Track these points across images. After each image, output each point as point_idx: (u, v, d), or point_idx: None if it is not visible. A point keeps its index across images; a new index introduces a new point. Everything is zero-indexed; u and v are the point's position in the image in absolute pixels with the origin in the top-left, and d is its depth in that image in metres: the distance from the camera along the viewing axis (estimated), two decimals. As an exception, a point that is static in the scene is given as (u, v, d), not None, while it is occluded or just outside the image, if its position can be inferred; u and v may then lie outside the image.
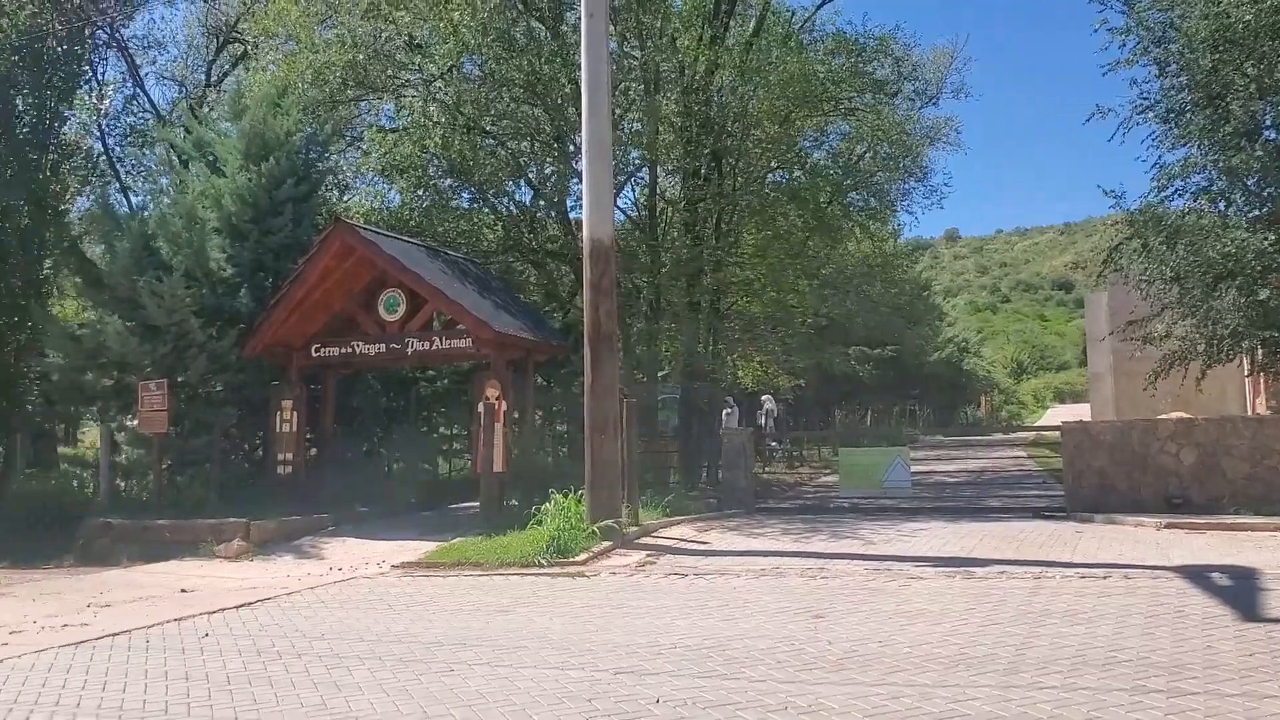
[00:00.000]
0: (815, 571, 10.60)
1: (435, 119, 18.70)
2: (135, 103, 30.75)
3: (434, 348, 16.36)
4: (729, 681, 6.39)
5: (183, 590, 11.56)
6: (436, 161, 18.88)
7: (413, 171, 19.25)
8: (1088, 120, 15.85)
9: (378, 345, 16.67)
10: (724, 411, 25.77)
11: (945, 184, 72.54)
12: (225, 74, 31.82)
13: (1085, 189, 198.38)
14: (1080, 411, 44.90)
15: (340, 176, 21.67)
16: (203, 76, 32.72)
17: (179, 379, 16.91)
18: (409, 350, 16.47)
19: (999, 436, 45.74)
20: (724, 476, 17.38)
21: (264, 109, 18.39)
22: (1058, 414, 58.81)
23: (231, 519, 14.83)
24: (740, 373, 27.40)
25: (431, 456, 23.90)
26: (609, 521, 12.49)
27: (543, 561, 11.57)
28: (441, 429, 23.91)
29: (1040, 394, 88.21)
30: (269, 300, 17.09)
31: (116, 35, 29.20)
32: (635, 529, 13.34)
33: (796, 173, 24.69)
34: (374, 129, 20.35)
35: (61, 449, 26.86)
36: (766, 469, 28.06)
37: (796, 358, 26.84)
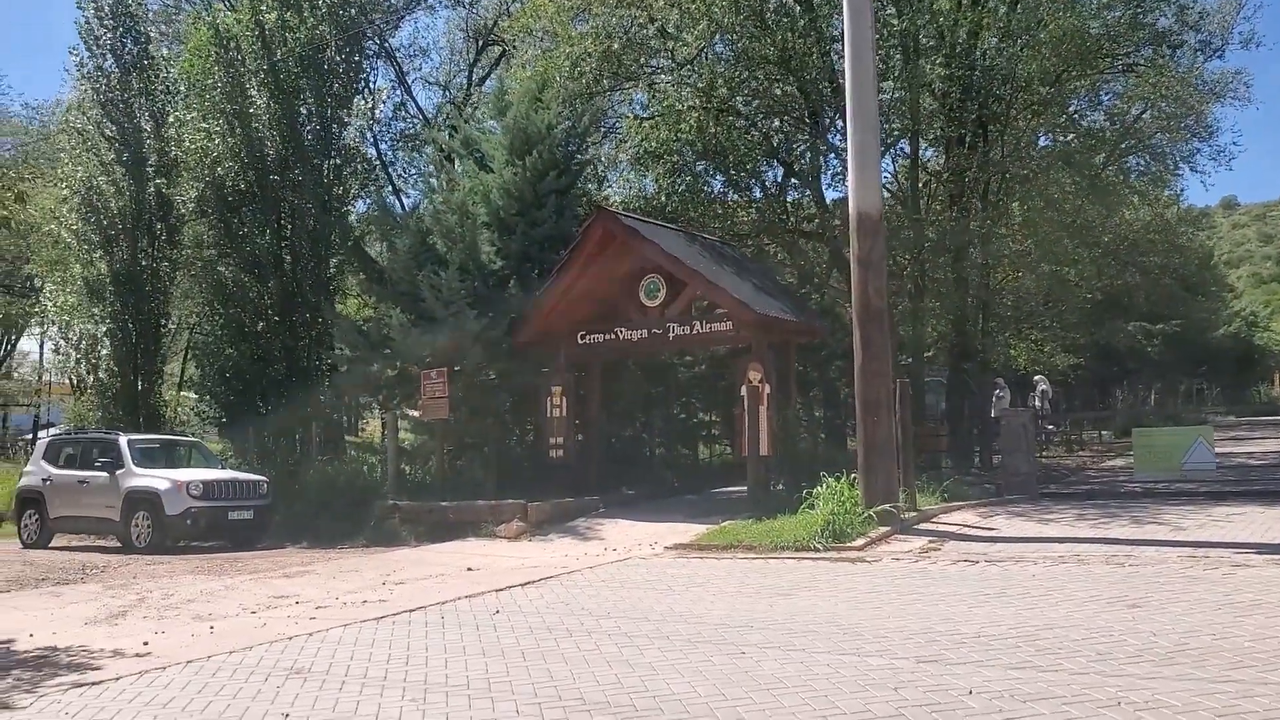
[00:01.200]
0: (1121, 559, 9.78)
1: (689, 103, 18.69)
2: (404, 109, 32.78)
3: (694, 332, 16.36)
4: (1046, 674, 5.90)
5: (469, 569, 12.03)
6: (690, 146, 18.86)
7: (667, 157, 19.34)
8: None
9: (640, 331, 16.86)
10: (994, 393, 24.53)
11: (1234, 143, 66.38)
12: (485, 76, 33.33)
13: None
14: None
15: (598, 168, 22.08)
16: (464, 80, 34.41)
17: (455, 368, 17.71)
18: (670, 335, 16.55)
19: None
20: (1003, 460, 16.46)
21: (526, 104, 18.98)
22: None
23: (509, 500, 15.38)
24: (1012, 352, 26.00)
25: (690, 441, 24.07)
26: (886, 506, 12.04)
27: (818, 546, 11.29)
28: (700, 415, 24.04)
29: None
30: (536, 291, 17.62)
31: (385, 45, 31.24)
32: (913, 514, 12.81)
33: (1069, 136, 23.16)
34: (630, 117, 20.60)
35: (351, 438, 29.00)
36: (1043, 453, 26.51)
37: (1076, 334, 25.17)
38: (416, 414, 18.55)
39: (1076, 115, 23.52)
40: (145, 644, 8.10)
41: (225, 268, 20.71)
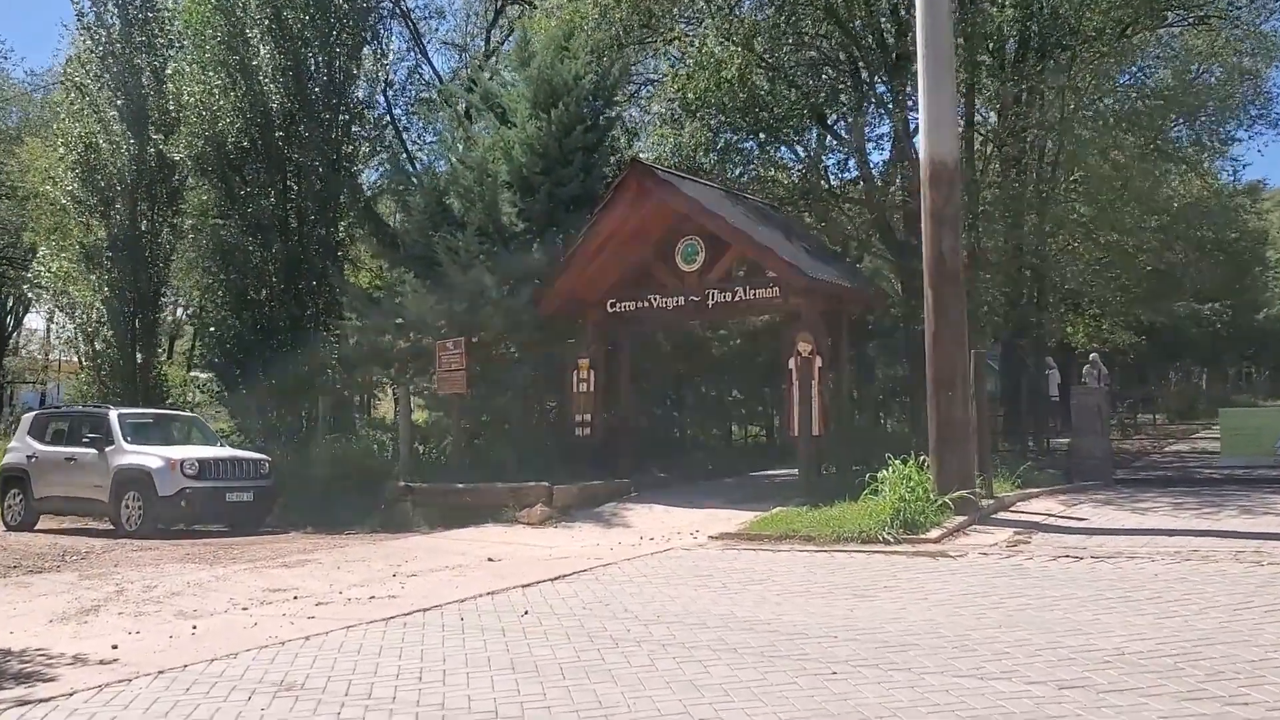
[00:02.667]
0: (1255, 555, 8.49)
1: (729, 50, 17.32)
2: (418, 75, 31.45)
3: (737, 299, 15.06)
4: (1236, 709, 4.65)
5: (489, 559, 10.86)
6: (731, 97, 17.47)
7: (705, 111, 17.95)
8: None
9: (676, 298, 15.59)
10: (1045, 372, 23.18)
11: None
12: (505, 39, 31.95)
13: None
14: None
15: (627, 125, 20.74)
16: (482, 44, 33.06)
17: (473, 340, 16.54)
18: (709, 302, 15.28)
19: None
20: (1074, 443, 15.14)
21: (551, 53, 17.72)
22: None
23: (532, 483, 14.18)
24: (1069, 328, 24.53)
25: (721, 421, 22.86)
26: (962, 492, 10.77)
27: (888, 537, 10.05)
28: (735, 392, 22.82)
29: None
30: (561, 255, 16.41)
31: (400, 4, 29.90)
32: (990, 502, 11.53)
33: (1133, 96, 21.67)
34: (669, 67, 19.18)
35: (358, 415, 27.85)
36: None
37: (1138, 310, 23.68)
38: (433, 387, 17.38)
39: (1143, 73, 22.05)
40: (114, 648, 6.98)
41: (227, 231, 19.51)
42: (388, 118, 25.16)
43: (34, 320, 47.49)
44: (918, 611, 7.07)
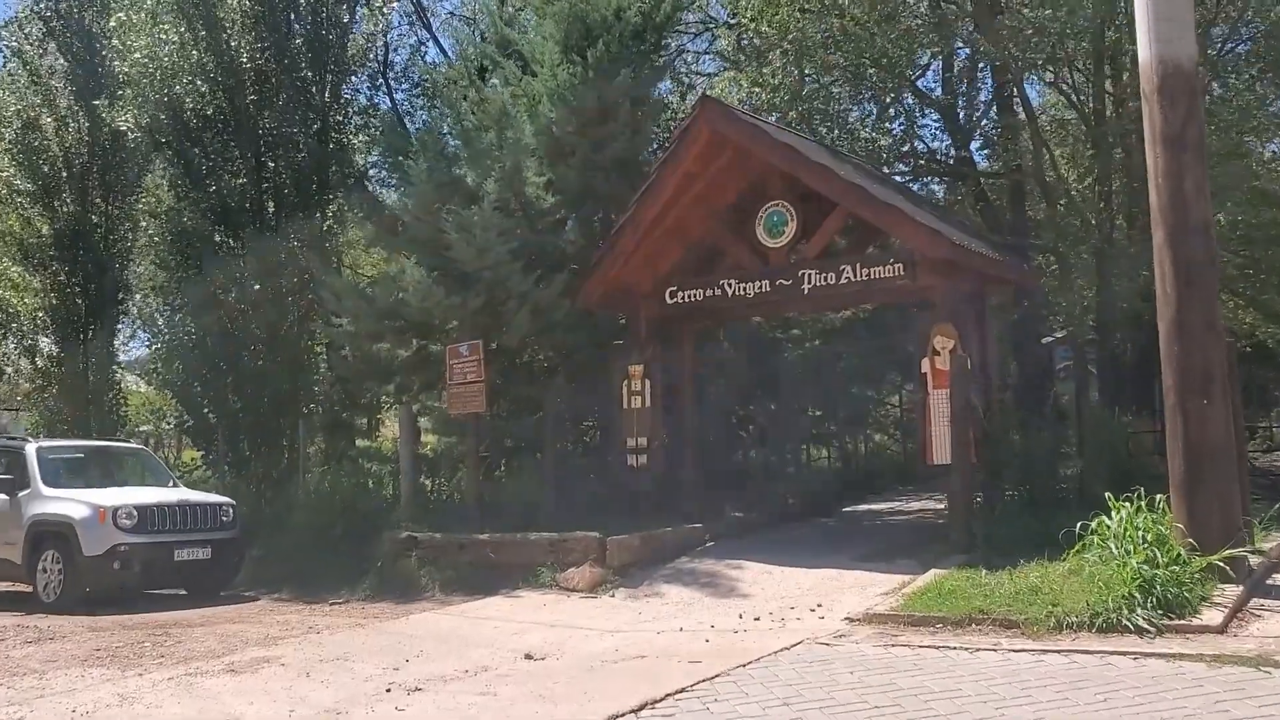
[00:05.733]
0: None
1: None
2: (422, 55, 28.25)
3: (843, 280, 11.72)
4: None
5: (527, 656, 7.69)
6: (821, 30, 14.14)
7: (786, 48, 14.58)
8: None
9: (759, 282, 12.29)
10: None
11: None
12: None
13: None
14: None
15: (685, 71, 17.49)
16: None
17: (493, 344, 13.37)
18: (804, 286, 11.96)
19: None
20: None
21: (586, -23, 14.52)
22: None
23: (577, 532, 10.92)
24: (1248, 320, 20.82)
25: (794, 440, 19.53)
26: (1234, 550, 7.45)
27: (1142, 624, 6.78)
28: (812, 407, 19.52)
29: None
30: (603, 235, 13.23)
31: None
32: (1259, 560, 8.22)
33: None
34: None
35: (362, 442, 24.63)
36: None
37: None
38: (443, 406, 14.20)
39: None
40: None
41: (187, 217, 16.37)
42: (383, 84, 21.99)
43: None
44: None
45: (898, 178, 17.43)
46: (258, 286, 16.50)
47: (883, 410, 25.39)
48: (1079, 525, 8.05)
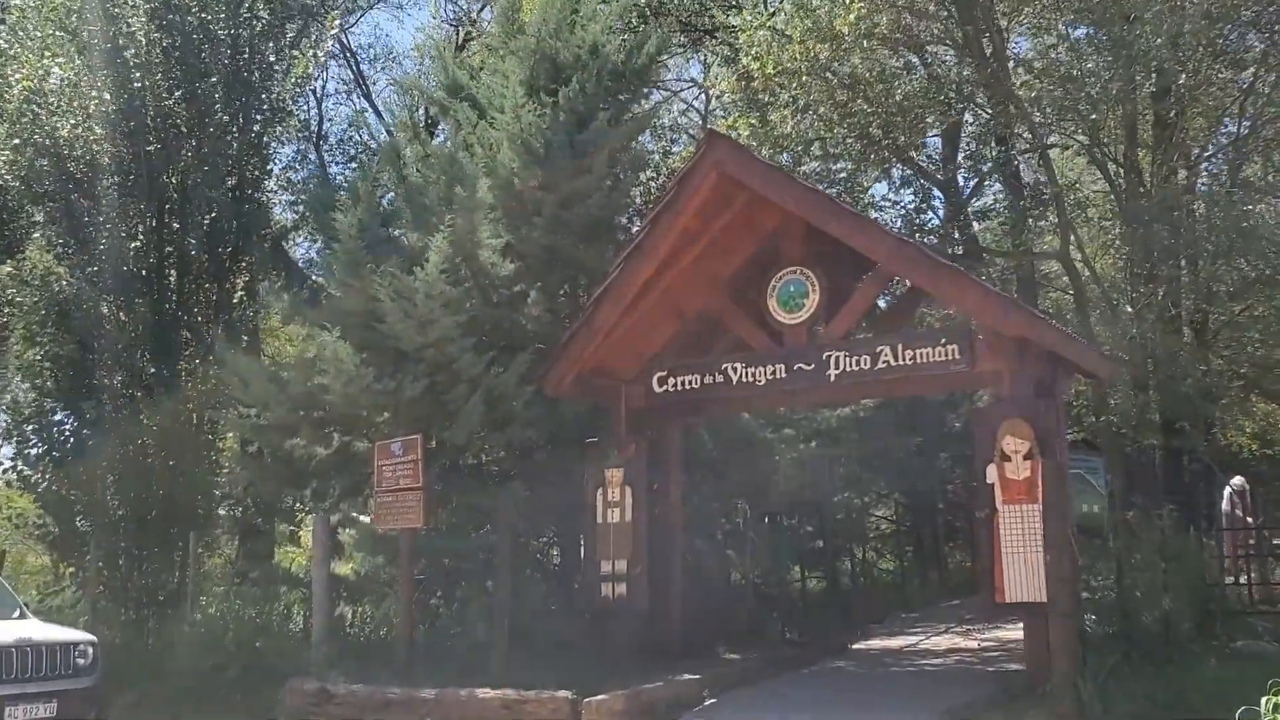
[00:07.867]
0: None
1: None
2: (361, 124, 26.21)
3: (880, 366, 9.53)
4: None
5: None
6: (829, 77, 12.26)
7: (799, 83, 12.56)
8: None
9: (771, 366, 10.08)
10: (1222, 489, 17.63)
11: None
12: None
13: None
14: None
15: (669, 113, 15.46)
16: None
17: (434, 442, 11.01)
18: (829, 372, 9.76)
19: None
20: None
21: (556, 10, 12.53)
22: None
23: (544, 694, 8.43)
24: (1244, 425, 18.92)
25: (783, 560, 17.18)
26: None
27: None
28: (800, 522, 17.31)
29: None
30: (572, 311, 11.06)
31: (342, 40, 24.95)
32: None
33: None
34: (746, 14, 13.89)
35: (288, 549, 21.87)
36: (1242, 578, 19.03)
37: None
38: (367, 520, 11.74)
39: None
40: None
41: (68, 283, 13.87)
42: (313, 141, 19.80)
43: None
44: None
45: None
46: (153, 369, 14.02)
47: (870, 522, 23.33)
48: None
